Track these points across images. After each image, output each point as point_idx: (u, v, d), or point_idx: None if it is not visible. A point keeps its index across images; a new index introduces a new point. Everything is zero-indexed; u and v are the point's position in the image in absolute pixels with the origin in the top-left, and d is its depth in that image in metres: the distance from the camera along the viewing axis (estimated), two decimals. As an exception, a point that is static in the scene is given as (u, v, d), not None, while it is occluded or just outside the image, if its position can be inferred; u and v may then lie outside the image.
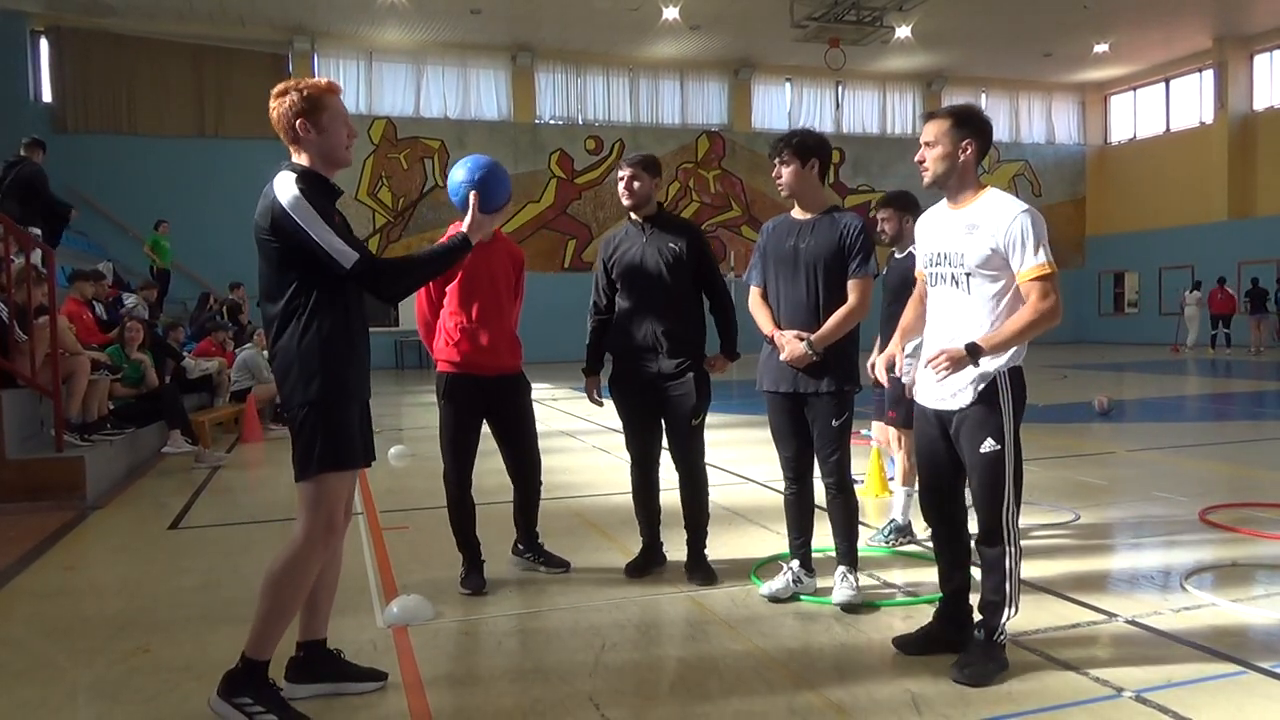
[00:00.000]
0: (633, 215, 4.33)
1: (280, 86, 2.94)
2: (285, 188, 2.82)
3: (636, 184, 4.26)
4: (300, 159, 2.95)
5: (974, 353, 3.02)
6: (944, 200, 3.28)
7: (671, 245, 4.23)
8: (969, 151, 3.12)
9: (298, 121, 2.89)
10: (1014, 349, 3.09)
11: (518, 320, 4.47)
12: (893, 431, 5.07)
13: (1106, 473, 6.97)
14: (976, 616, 3.23)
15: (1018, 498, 3.14)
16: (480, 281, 4.20)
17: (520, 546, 4.51)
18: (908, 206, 4.83)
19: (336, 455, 2.90)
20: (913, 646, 3.32)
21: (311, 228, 2.79)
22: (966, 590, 3.34)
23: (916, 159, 3.21)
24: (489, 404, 4.26)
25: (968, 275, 3.12)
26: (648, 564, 4.41)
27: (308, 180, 2.88)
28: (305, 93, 2.88)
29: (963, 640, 3.23)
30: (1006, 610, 3.14)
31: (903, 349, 3.83)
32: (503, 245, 4.37)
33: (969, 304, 3.13)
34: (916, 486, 3.79)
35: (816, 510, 4.07)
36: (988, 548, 3.16)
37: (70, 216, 10.95)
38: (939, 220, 3.28)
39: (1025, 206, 3.07)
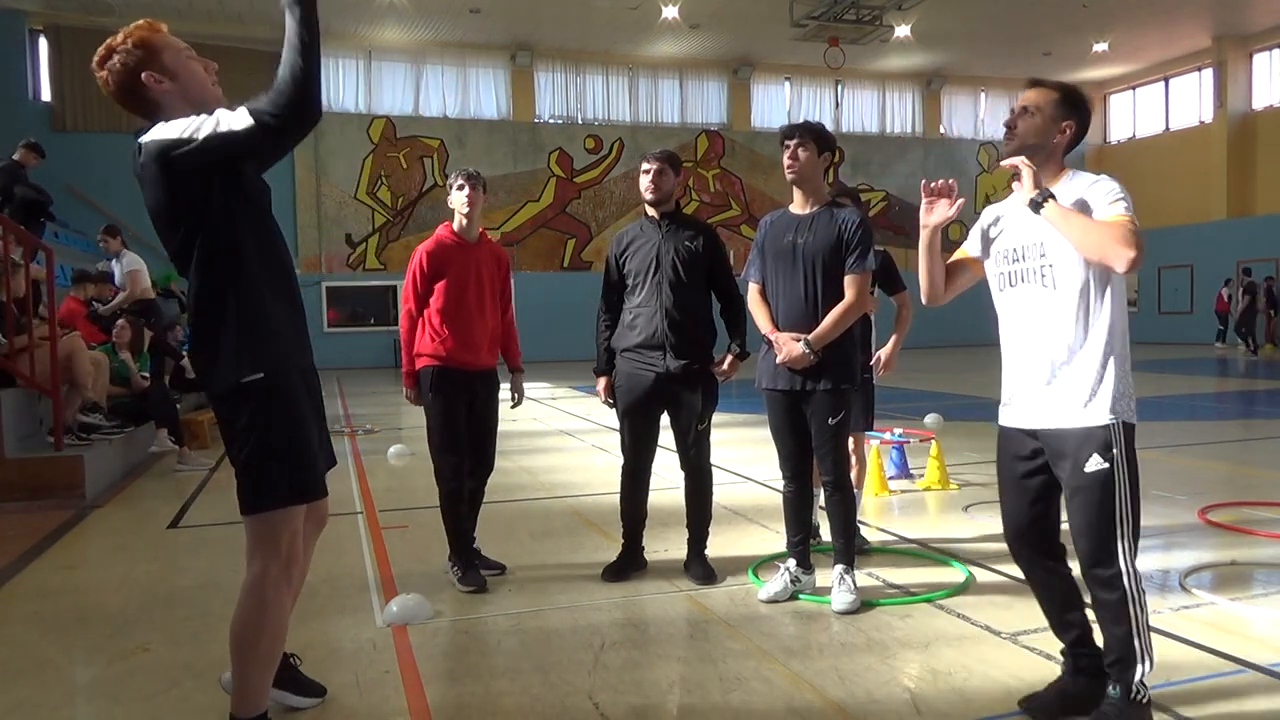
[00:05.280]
0: (649, 211, 4.31)
1: (99, 52, 2.41)
2: (160, 131, 2.36)
3: (662, 179, 4.24)
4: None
5: (1043, 201, 2.60)
6: (1018, 191, 2.81)
7: (688, 243, 4.21)
8: (1067, 134, 2.76)
9: (143, 75, 2.39)
10: (1120, 355, 2.67)
11: (512, 325, 4.55)
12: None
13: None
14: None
15: (1135, 529, 2.64)
16: (469, 279, 4.26)
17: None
18: None
19: (294, 486, 2.49)
20: (1049, 710, 2.80)
21: (197, 130, 2.29)
22: (1089, 634, 2.83)
23: (1005, 123, 2.82)
24: (472, 397, 4.29)
25: (1052, 266, 2.70)
26: (626, 567, 4.36)
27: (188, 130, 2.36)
28: (130, 43, 2.39)
29: (1102, 690, 2.76)
30: (1140, 666, 2.61)
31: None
32: (488, 247, 4.43)
33: (1056, 300, 2.69)
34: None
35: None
36: (1104, 592, 2.62)
37: (48, 204, 10.83)
38: (1014, 213, 2.84)
39: (1111, 176, 2.72)
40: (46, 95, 21.06)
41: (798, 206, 3.95)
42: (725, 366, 4.23)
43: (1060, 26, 22.91)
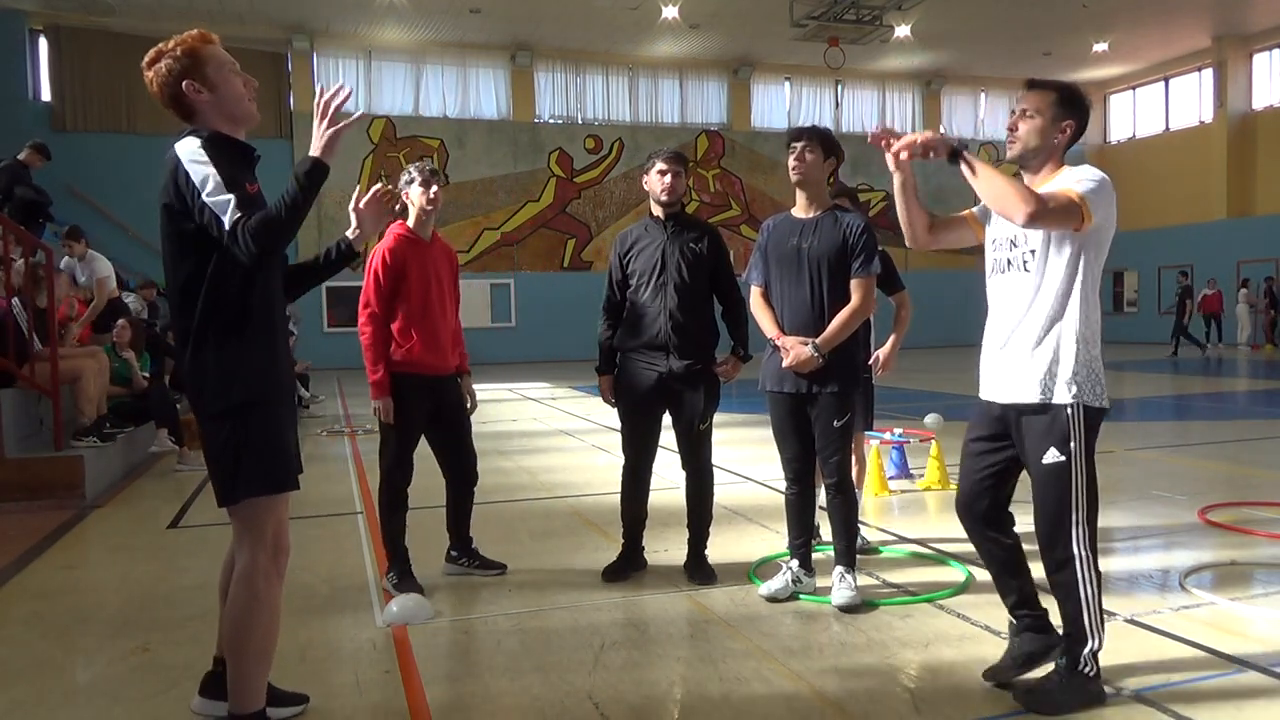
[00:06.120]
0: (655, 212, 4.30)
1: (150, 54, 2.56)
2: (187, 147, 2.48)
3: (679, 182, 4.22)
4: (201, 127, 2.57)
5: (955, 154, 2.75)
6: None
7: (693, 245, 4.21)
8: (1066, 134, 2.87)
9: (183, 84, 2.52)
10: (1084, 338, 2.81)
11: (460, 325, 4.46)
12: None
13: (1105, 472, 6.88)
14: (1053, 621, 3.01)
15: (1090, 517, 2.83)
16: (428, 281, 4.17)
17: (454, 553, 4.46)
18: None
19: (269, 476, 2.55)
20: (1008, 673, 2.99)
21: (202, 185, 2.42)
22: (1031, 596, 3.03)
23: (1008, 125, 2.93)
24: (436, 405, 4.23)
25: (1033, 252, 2.84)
26: (626, 568, 4.35)
27: (215, 142, 2.51)
28: (179, 50, 2.52)
29: (1053, 644, 2.98)
30: (1090, 642, 2.82)
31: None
32: (440, 246, 4.36)
33: (1030, 284, 2.85)
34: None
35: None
36: (1057, 572, 2.84)
37: (47, 204, 10.85)
38: None
39: (1095, 170, 2.82)
40: (46, 95, 21.04)
41: (800, 210, 3.96)
42: (728, 368, 4.23)
43: (1060, 26, 22.90)
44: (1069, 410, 2.80)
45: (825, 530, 4.29)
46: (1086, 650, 2.82)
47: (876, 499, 6.00)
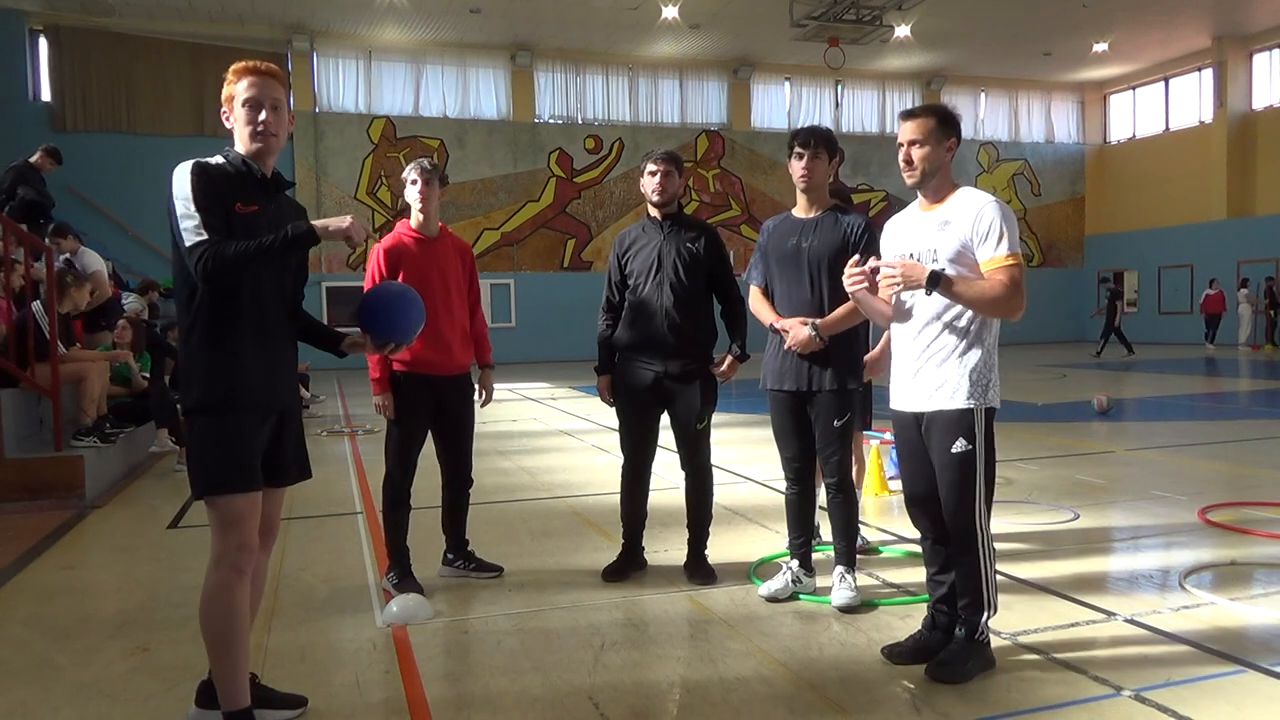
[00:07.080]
0: (652, 212, 4.30)
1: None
2: (181, 170, 2.65)
3: (669, 181, 4.22)
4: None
5: (934, 280, 2.99)
6: (913, 204, 3.31)
7: (690, 244, 4.21)
8: (952, 150, 3.17)
9: (221, 111, 2.82)
10: (987, 349, 3.12)
11: (482, 320, 4.45)
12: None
13: (1105, 472, 6.97)
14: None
15: (989, 498, 3.14)
16: (431, 278, 4.12)
17: (450, 555, 4.45)
18: None
19: (218, 478, 2.63)
20: (905, 656, 3.24)
21: (177, 201, 2.60)
22: (953, 595, 3.26)
23: (902, 158, 3.16)
24: (439, 404, 4.22)
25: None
26: (626, 567, 4.35)
27: (205, 169, 2.66)
28: (228, 77, 2.76)
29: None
30: (985, 611, 3.14)
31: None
32: (450, 241, 4.32)
33: (938, 302, 3.10)
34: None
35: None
36: (960, 551, 3.15)
37: (49, 207, 10.86)
38: (910, 222, 3.29)
39: (994, 199, 3.11)
40: (46, 95, 21.02)
41: (801, 210, 3.96)
42: (724, 368, 4.22)
43: (1060, 26, 22.91)
44: (975, 411, 3.11)
45: (825, 530, 4.29)
46: (983, 619, 3.13)
47: (876, 499, 6.00)
